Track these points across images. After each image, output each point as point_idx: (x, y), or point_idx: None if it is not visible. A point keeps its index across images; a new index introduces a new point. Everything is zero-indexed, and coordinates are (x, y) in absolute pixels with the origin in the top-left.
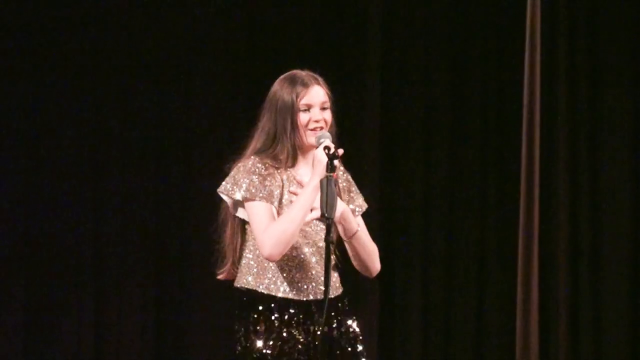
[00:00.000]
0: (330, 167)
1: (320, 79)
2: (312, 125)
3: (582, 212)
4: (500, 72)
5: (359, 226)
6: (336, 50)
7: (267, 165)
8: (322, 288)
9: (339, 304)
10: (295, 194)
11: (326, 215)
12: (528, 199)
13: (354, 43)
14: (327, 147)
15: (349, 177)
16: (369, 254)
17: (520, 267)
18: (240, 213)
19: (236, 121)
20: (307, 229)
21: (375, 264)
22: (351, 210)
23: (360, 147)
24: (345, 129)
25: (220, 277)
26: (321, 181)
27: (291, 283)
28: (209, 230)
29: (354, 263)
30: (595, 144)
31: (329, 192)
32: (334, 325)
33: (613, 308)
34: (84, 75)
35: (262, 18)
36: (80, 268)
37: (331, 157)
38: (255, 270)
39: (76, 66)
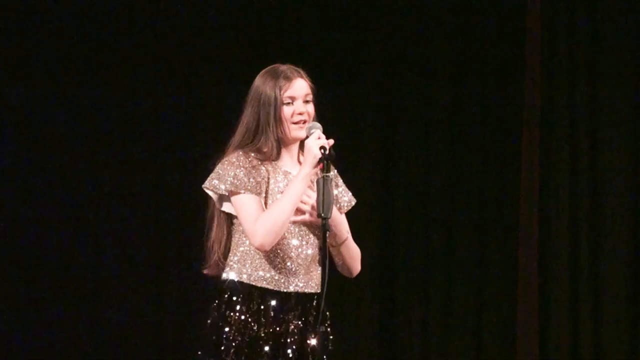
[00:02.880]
0: (327, 167)
1: (302, 71)
2: (295, 118)
3: (582, 211)
4: (501, 72)
5: (349, 233)
6: (337, 50)
7: (251, 158)
8: (304, 282)
9: (317, 300)
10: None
11: (323, 215)
12: (528, 199)
13: (355, 43)
14: (323, 147)
15: (336, 171)
16: (354, 258)
17: (521, 267)
18: (226, 207)
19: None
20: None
21: (357, 266)
22: (340, 206)
23: (360, 147)
24: (345, 129)
25: (205, 272)
26: (317, 181)
27: (273, 275)
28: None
29: (338, 267)
30: (595, 144)
31: (325, 192)
32: (309, 319)
33: (613, 307)
34: (83, 75)
35: (262, 17)
36: (80, 268)
37: (327, 157)
38: (238, 262)
39: (75, 65)
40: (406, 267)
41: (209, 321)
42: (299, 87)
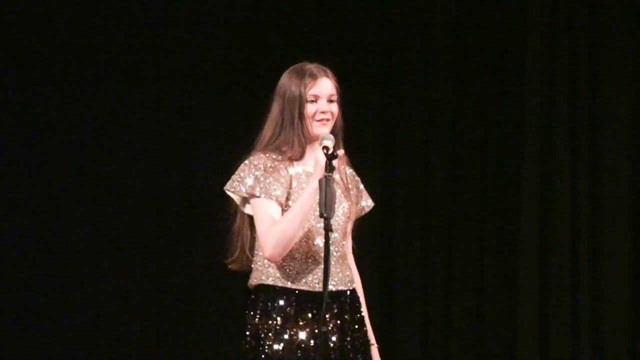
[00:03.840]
0: (329, 167)
1: (329, 71)
2: (318, 117)
3: (582, 212)
4: (501, 72)
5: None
6: (337, 50)
7: (272, 159)
8: (335, 281)
9: (350, 297)
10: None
11: (325, 215)
12: (528, 199)
13: (355, 43)
14: (325, 147)
15: (356, 175)
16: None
17: (521, 267)
18: (248, 209)
19: (236, 120)
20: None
21: None
22: (361, 207)
23: (360, 147)
24: (345, 128)
25: (230, 266)
26: (320, 181)
27: (303, 276)
28: (210, 228)
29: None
30: (595, 144)
31: (327, 192)
32: (345, 317)
33: (614, 307)
34: (83, 75)
35: (263, 16)
36: (80, 268)
37: (330, 157)
38: (265, 266)
39: (75, 66)
40: (406, 266)
41: (247, 332)
42: (324, 86)
